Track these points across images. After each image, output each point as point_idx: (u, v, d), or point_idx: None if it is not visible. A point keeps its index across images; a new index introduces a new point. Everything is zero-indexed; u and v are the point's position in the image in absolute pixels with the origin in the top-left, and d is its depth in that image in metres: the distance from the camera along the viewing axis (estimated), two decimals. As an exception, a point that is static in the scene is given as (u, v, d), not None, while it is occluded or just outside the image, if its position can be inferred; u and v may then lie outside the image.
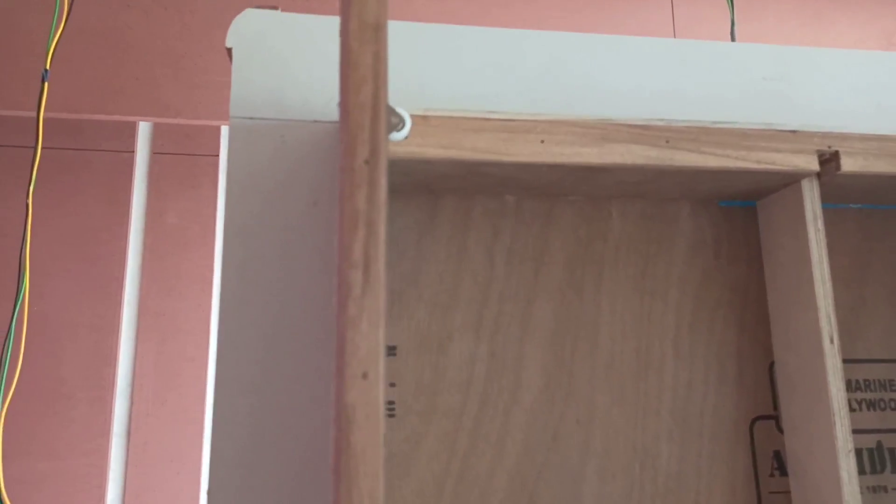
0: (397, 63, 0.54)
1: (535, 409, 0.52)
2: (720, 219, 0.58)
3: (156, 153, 1.25)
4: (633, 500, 0.51)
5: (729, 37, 1.27)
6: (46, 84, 0.77)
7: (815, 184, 0.52)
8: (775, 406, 0.54)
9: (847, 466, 0.47)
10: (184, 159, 1.26)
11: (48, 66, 0.76)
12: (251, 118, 0.47)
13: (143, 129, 1.24)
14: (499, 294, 0.54)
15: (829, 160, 0.51)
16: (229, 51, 0.48)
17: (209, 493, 0.41)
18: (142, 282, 1.20)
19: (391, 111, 0.39)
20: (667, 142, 0.49)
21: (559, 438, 0.52)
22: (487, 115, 0.48)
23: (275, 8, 0.49)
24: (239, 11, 0.52)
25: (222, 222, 0.72)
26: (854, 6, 1.53)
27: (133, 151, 1.24)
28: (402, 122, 0.39)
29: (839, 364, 0.49)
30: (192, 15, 1.16)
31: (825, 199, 0.57)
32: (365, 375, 0.23)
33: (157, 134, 1.25)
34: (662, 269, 0.56)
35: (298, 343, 0.45)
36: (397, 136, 0.40)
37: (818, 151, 0.51)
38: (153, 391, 1.16)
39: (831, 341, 0.49)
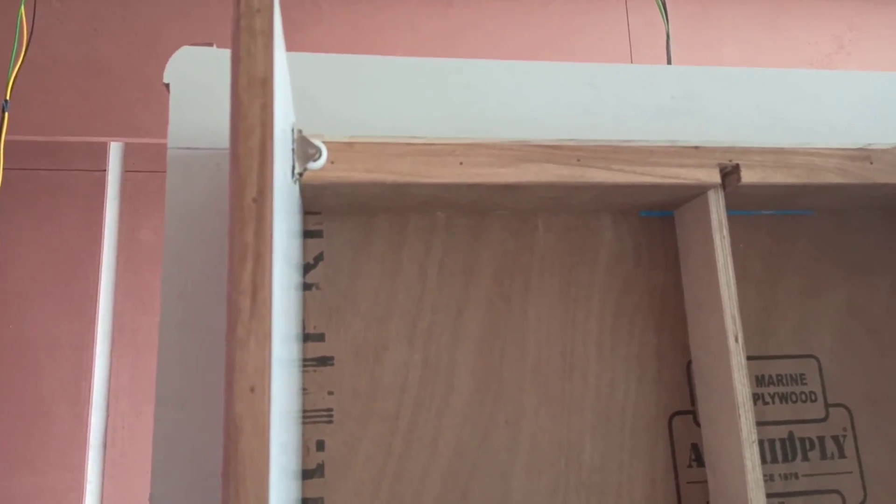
0: (325, 93, 0.58)
1: (466, 411, 0.56)
2: (640, 228, 0.62)
3: (128, 171, 1.29)
4: (559, 494, 0.55)
5: (683, 47, 1.32)
6: (7, 114, 0.80)
7: (720, 195, 0.56)
8: (692, 401, 0.58)
9: (751, 456, 0.51)
10: (156, 176, 1.30)
11: (8, 97, 0.79)
12: (188, 148, 0.51)
13: (115, 149, 1.28)
14: (431, 305, 0.57)
15: (730, 173, 0.55)
16: (167, 86, 0.51)
17: (151, 499, 0.44)
18: (116, 298, 1.23)
19: (308, 143, 0.43)
20: (578, 160, 0.53)
21: (489, 438, 0.55)
22: (409, 140, 0.51)
23: (209, 44, 0.53)
24: (207, 33, 0.55)
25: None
26: (807, 12, 1.58)
27: (105, 170, 1.28)
28: (318, 152, 0.43)
29: (743, 361, 0.53)
30: (160, 39, 1.20)
31: (739, 206, 0.61)
32: (252, 389, 0.27)
33: (129, 153, 1.29)
34: (586, 277, 0.60)
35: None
36: (315, 165, 0.43)
37: (720, 165, 0.55)
38: (129, 404, 1.19)
39: (736, 340, 0.53)
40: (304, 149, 0.43)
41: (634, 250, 0.61)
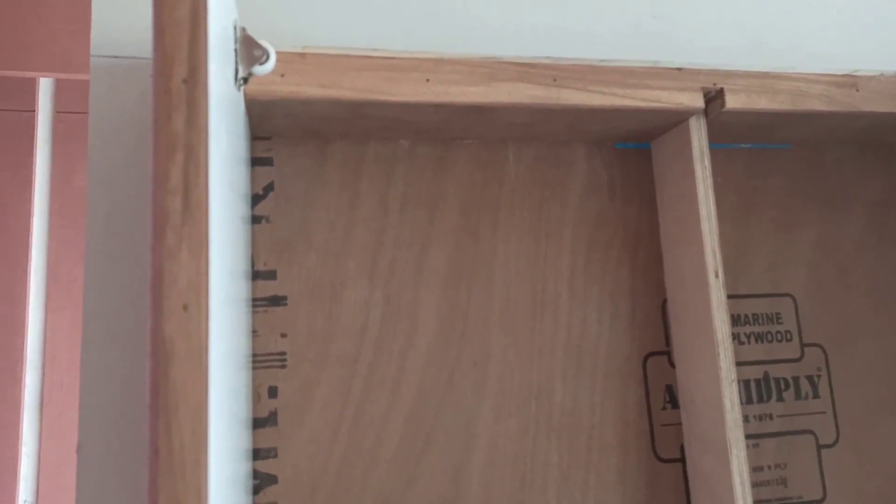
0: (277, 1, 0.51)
1: (431, 352, 0.52)
2: (615, 161, 0.58)
3: (60, 112, 1.18)
4: (528, 437, 0.52)
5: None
6: None
7: (703, 122, 0.53)
8: (667, 342, 0.56)
9: (730, 395, 0.49)
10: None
11: None
12: (114, 56, 0.44)
13: (44, 86, 1.17)
14: (393, 240, 0.53)
15: (714, 98, 0.52)
16: (88, -16, 0.45)
17: (79, 448, 0.39)
18: (49, 248, 1.15)
19: (254, 44, 0.37)
20: (554, 80, 0.49)
21: (455, 380, 0.52)
22: (369, 53, 0.46)
23: (139, -61, 0.46)
24: None
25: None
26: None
27: (34, 110, 1.17)
28: (265, 54, 0.38)
29: (723, 298, 0.50)
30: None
31: (715, 139, 0.58)
32: (185, 307, 0.22)
33: (60, 91, 1.18)
34: (557, 212, 0.56)
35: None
36: (261, 69, 0.38)
37: (703, 89, 0.51)
38: (67, 361, 1.12)
39: (716, 276, 0.50)
40: (249, 50, 0.37)
41: (609, 184, 0.58)
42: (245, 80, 0.38)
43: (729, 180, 0.60)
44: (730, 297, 0.58)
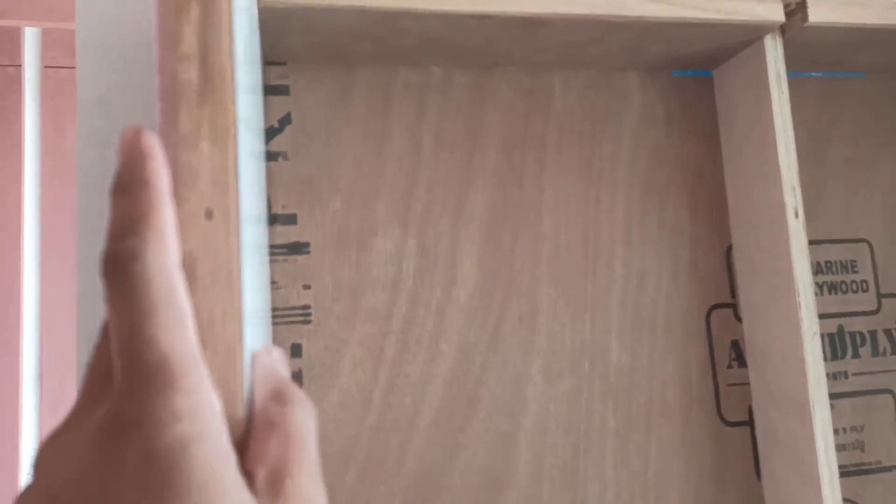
0: None
1: (472, 307, 0.46)
2: (672, 91, 0.52)
3: (47, 67, 1.11)
4: (582, 399, 0.47)
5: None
6: None
7: (779, 41, 0.46)
8: (733, 294, 0.50)
9: (812, 349, 0.43)
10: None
11: None
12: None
13: (30, 38, 1.09)
14: (427, 181, 0.47)
15: (794, 11, 0.45)
16: None
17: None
18: (42, 211, 1.08)
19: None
20: (614, -11, 0.42)
21: (499, 338, 0.46)
22: (402, -45, 0.39)
23: None
24: None
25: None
26: None
27: (20, 65, 1.10)
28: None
29: (804, 241, 0.44)
30: None
31: (788, 66, 0.51)
32: (209, 214, 0.16)
33: (47, 43, 1.11)
34: (610, 149, 0.50)
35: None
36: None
37: (784, 1, 0.45)
38: (65, 330, 1.06)
39: (796, 216, 0.44)
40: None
41: (666, 117, 0.51)
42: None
43: (797, 114, 0.53)
44: (800, 243, 0.52)
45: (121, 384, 0.16)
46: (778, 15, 0.44)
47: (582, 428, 0.46)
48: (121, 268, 0.16)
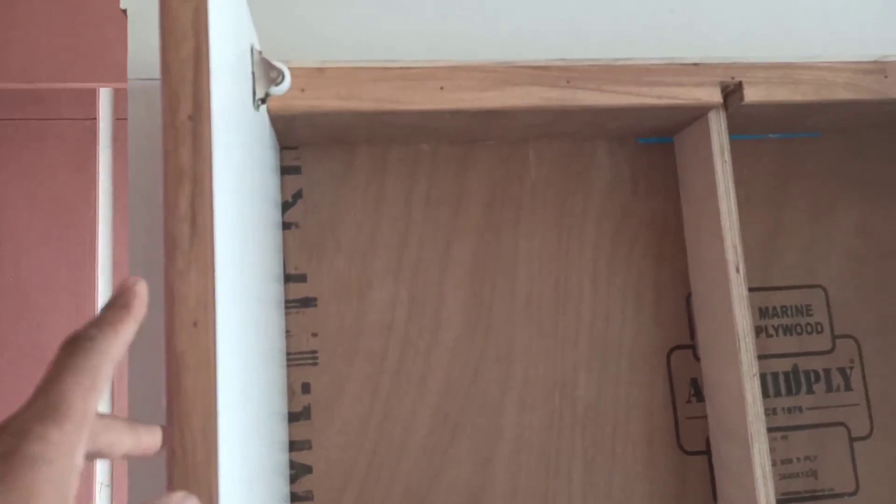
0: (293, 15, 0.54)
1: (456, 347, 0.54)
2: (637, 155, 0.58)
3: (118, 119, 1.25)
4: (553, 429, 0.54)
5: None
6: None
7: (722, 116, 0.52)
8: (692, 335, 0.56)
9: (751, 388, 0.49)
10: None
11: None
12: (149, 79, 0.47)
13: (104, 96, 1.24)
14: (418, 239, 0.55)
15: (732, 91, 0.51)
16: (124, 12, 0.48)
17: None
18: (114, 245, 1.22)
19: (269, 65, 0.40)
20: (567, 82, 0.49)
21: (480, 374, 0.54)
22: (385, 65, 0.48)
23: (170, -34, 0.49)
24: None
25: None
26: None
27: (95, 118, 1.24)
28: (281, 75, 0.40)
29: (744, 292, 0.50)
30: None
31: (743, 130, 0.57)
32: (195, 324, 0.25)
33: (119, 98, 1.25)
34: (580, 207, 0.57)
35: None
36: (278, 89, 0.40)
37: (721, 83, 0.51)
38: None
39: (737, 270, 0.50)
40: (265, 71, 0.40)
41: (632, 178, 0.58)
42: (263, 100, 0.41)
43: (758, 171, 0.60)
44: (759, 289, 0.58)
45: (22, 406, 0.23)
46: (716, 97, 0.51)
47: (553, 454, 0.53)
48: (75, 341, 0.24)
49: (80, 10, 1.18)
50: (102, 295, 1.20)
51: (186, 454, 0.24)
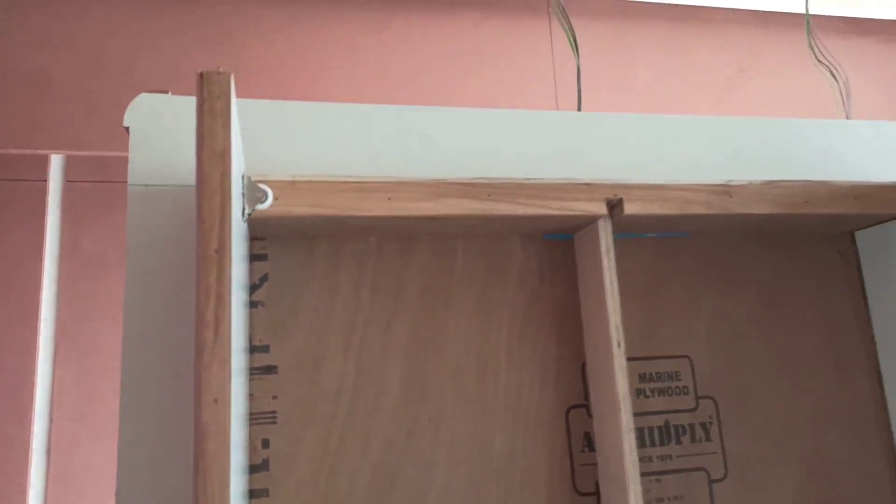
0: (271, 136, 0.65)
1: (394, 411, 0.64)
2: (544, 250, 0.72)
3: (69, 181, 1.31)
4: (474, 480, 0.65)
5: (599, 71, 1.43)
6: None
7: (608, 223, 0.67)
8: (586, 397, 0.69)
9: (629, 441, 0.62)
10: (97, 187, 1.33)
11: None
12: (147, 185, 0.57)
13: (56, 161, 1.30)
14: (364, 320, 0.66)
15: (615, 205, 0.66)
16: (127, 129, 0.58)
17: (118, 495, 0.51)
18: (58, 305, 1.26)
19: (256, 188, 0.51)
20: (489, 196, 0.63)
21: (414, 434, 0.64)
22: (345, 179, 0.60)
23: (165, 92, 0.59)
24: (147, 53, 0.60)
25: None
26: (712, 37, 1.74)
27: (46, 180, 1.30)
28: (265, 195, 0.51)
29: (623, 363, 0.63)
30: (103, 53, 1.23)
31: (628, 230, 0.72)
32: (216, 401, 0.35)
33: (71, 164, 1.31)
34: (498, 293, 0.70)
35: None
36: (262, 206, 0.51)
37: (607, 199, 0.65)
38: (73, 409, 1.22)
39: (618, 345, 0.64)
40: (253, 192, 0.50)
41: (539, 269, 0.71)
42: (250, 214, 0.51)
43: (640, 263, 0.74)
44: (640, 358, 0.71)
45: None
46: (603, 210, 0.65)
47: (473, 501, 0.64)
48: None
49: (44, 85, 1.24)
50: (44, 353, 1.23)
51: (207, 500, 0.34)
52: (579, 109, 1.00)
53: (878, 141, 0.82)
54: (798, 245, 0.79)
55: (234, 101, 0.42)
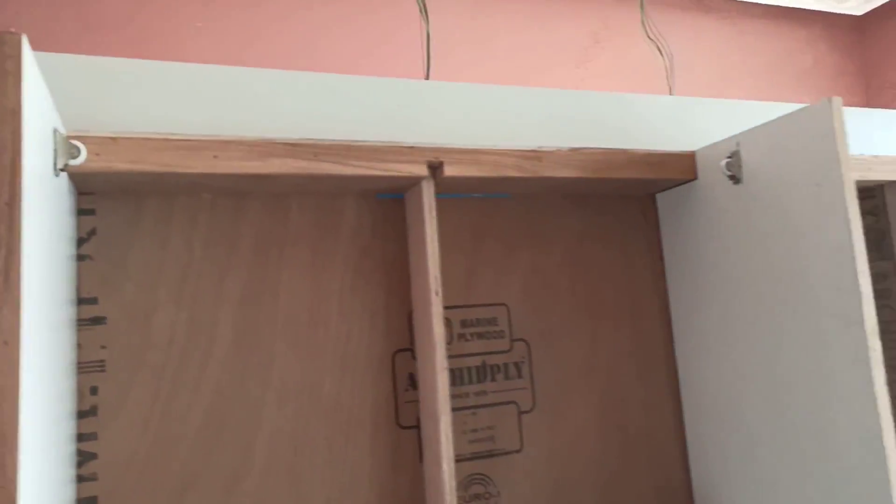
0: (98, 94, 0.65)
1: (226, 359, 0.68)
2: (377, 208, 0.77)
3: None
4: (301, 419, 0.70)
5: (459, 40, 1.49)
6: None
7: (431, 184, 0.73)
8: (411, 342, 0.76)
9: (442, 380, 0.70)
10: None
11: None
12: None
13: None
14: (196, 273, 0.69)
15: (437, 168, 0.72)
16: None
17: None
18: None
19: (67, 143, 0.52)
20: (314, 156, 0.67)
21: (245, 381, 0.69)
22: (169, 137, 0.61)
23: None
24: None
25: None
26: (567, 9, 1.84)
27: None
28: (78, 151, 0.52)
29: (441, 310, 0.71)
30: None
31: (454, 190, 0.78)
32: (6, 343, 0.37)
33: None
34: (331, 248, 0.74)
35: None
36: (75, 161, 0.52)
37: (428, 162, 0.71)
38: None
39: (437, 294, 0.71)
40: (66, 148, 0.52)
41: (372, 226, 0.77)
42: (63, 168, 0.53)
43: (465, 221, 0.81)
44: (462, 306, 0.79)
45: None
46: (424, 171, 0.71)
47: (301, 438, 0.70)
48: None
49: None
50: None
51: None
52: (427, 77, 1.05)
53: (672, 114, 0.94)
54: (606, 206, 0.89)
55: (32, 62, 0.43)
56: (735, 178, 0.77)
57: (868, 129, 1.05)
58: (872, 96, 2.30)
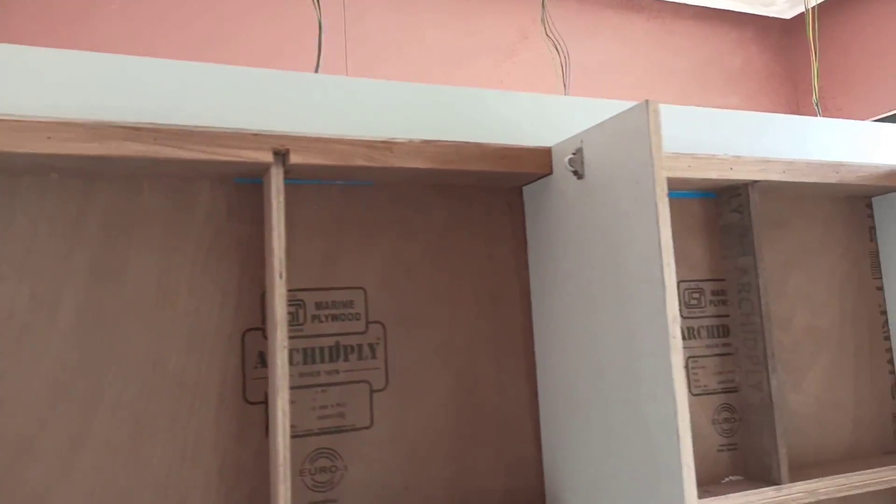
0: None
1: (69, 334, 0.71)
2: (234, 191, 0.80)
3: None
4: (144, 394, 0.73)
5: (386, 30, 1.50)
6: None
7: (280, 170, 0.76)
8: (263, 321, 0.79)
9: (282, 357, 0.73)
10: None
11: None
12: None
13: None
14: (41, 249, 0.71)
15: (283, 154, 0.75)
16: None
17: None
18: None
19: None
20: (154, 140, 0.69)
21: (87, 355, 0.71)
22: (1, 117, 0.63)
23: None
24: None
25: None
26: (498, 6, 1.87)
27: None
28: None
29: (284, 291, 0.74)
30: None
31: (316, 177, 0.81)
32: None
33: None
34: (183, 229, 0.77)
35: None
36: None
37: (273, 148, 0.74)
38: None
39: (280, 276, 0.74)
40: None
41: (228, 209, 0.79)
42: None
43: (326, 207, 0.84)
44: (318, 289, 0.82)
45: None
46: (269, 158, 0.74)
47: (143, 413, 0.73)
48: None
49: None
50: None
51: None
52: (317, 70, 1.07)
53: (539, 110, 0.97)
54: (473, 197, 0.93)
55: None
56: (578, 174, 0.81)
57: (737, 132, 1.10)
58: (801, 97, 2.37)
